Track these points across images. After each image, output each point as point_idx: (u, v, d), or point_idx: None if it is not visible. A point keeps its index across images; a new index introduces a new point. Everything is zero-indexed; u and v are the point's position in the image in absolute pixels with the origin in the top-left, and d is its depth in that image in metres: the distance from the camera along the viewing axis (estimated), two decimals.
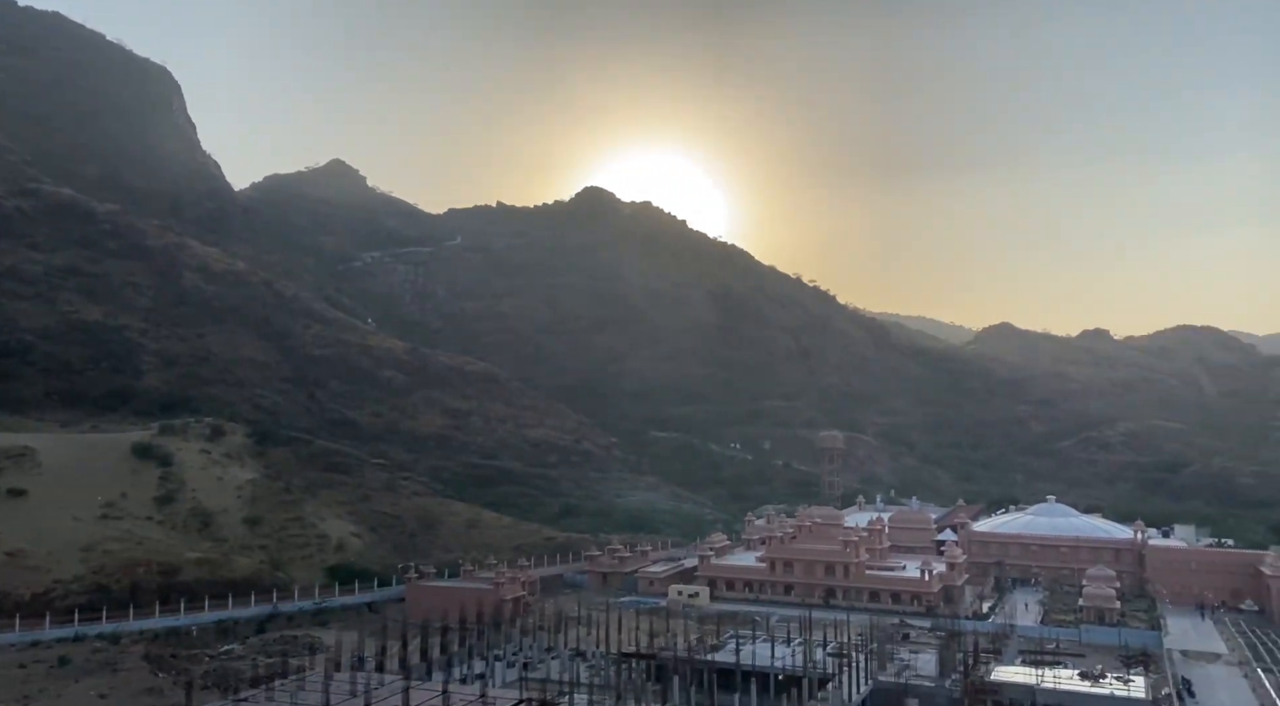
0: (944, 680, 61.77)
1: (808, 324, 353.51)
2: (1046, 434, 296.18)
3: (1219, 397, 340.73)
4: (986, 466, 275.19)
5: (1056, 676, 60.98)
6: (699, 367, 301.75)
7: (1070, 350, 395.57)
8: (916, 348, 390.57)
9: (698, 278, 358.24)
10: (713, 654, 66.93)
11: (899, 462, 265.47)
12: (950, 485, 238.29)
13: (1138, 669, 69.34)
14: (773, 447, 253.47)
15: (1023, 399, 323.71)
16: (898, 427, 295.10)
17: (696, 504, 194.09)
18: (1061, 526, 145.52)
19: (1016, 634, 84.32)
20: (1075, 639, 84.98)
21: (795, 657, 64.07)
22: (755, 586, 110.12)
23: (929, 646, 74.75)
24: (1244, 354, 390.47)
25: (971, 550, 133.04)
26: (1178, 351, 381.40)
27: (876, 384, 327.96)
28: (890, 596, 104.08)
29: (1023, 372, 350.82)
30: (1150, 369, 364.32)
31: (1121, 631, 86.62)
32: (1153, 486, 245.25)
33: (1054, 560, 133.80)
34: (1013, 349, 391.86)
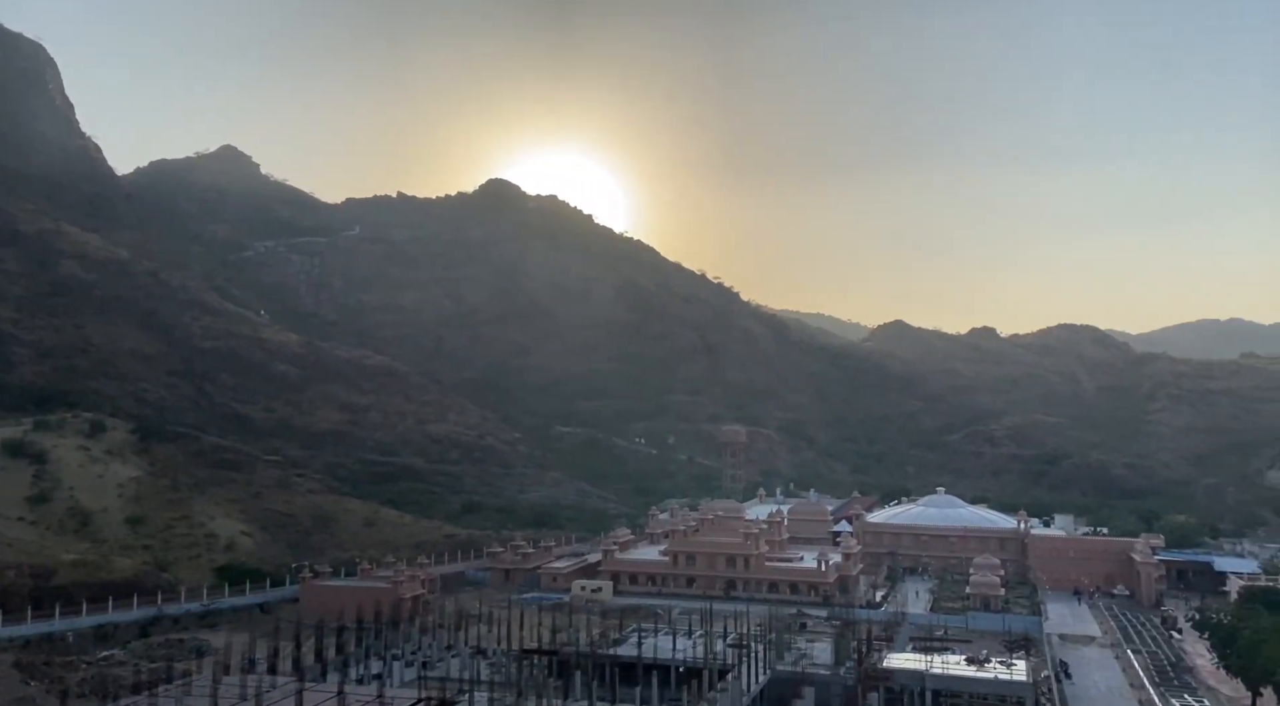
0: (839, 668, 63.36)
1: (712, 320, 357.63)
2: (937, 428, 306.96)
3: (1096, 393, 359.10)
4: (881, 459, 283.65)
5: (945, 662, 63.22)
6: (605, 362, 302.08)
7: (960, 347, 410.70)
8: (816, 344, 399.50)
9: (604, 272, 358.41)
10: (615, 648, 67.09)
11: (798, 456, 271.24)
12: (847, 477, 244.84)
13: (1020, 653, 72.50)
14: (677, 442, 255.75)
15: (915, 394, 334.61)
16: (797, 422, 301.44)
17: (601, 499, 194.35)
18: (950, 517, 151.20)
19: (908, 621, 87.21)
20: (962, 625, 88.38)
21: (696, 649, 64.75)
22: (658, 580, 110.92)
23: (825, 635, 76.60)
24: (1119, 351, 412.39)
25: (866, 541, 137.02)
26: (1059, 349, 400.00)
27: (777, 379, 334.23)
28: (789, 587, 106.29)
29: (915, 369, 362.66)
30: (1033, 365, 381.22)
31: (1005, 617, 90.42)
32: (1035, 478, 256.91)
33: (943, 549, 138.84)
34: (906, 346, 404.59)
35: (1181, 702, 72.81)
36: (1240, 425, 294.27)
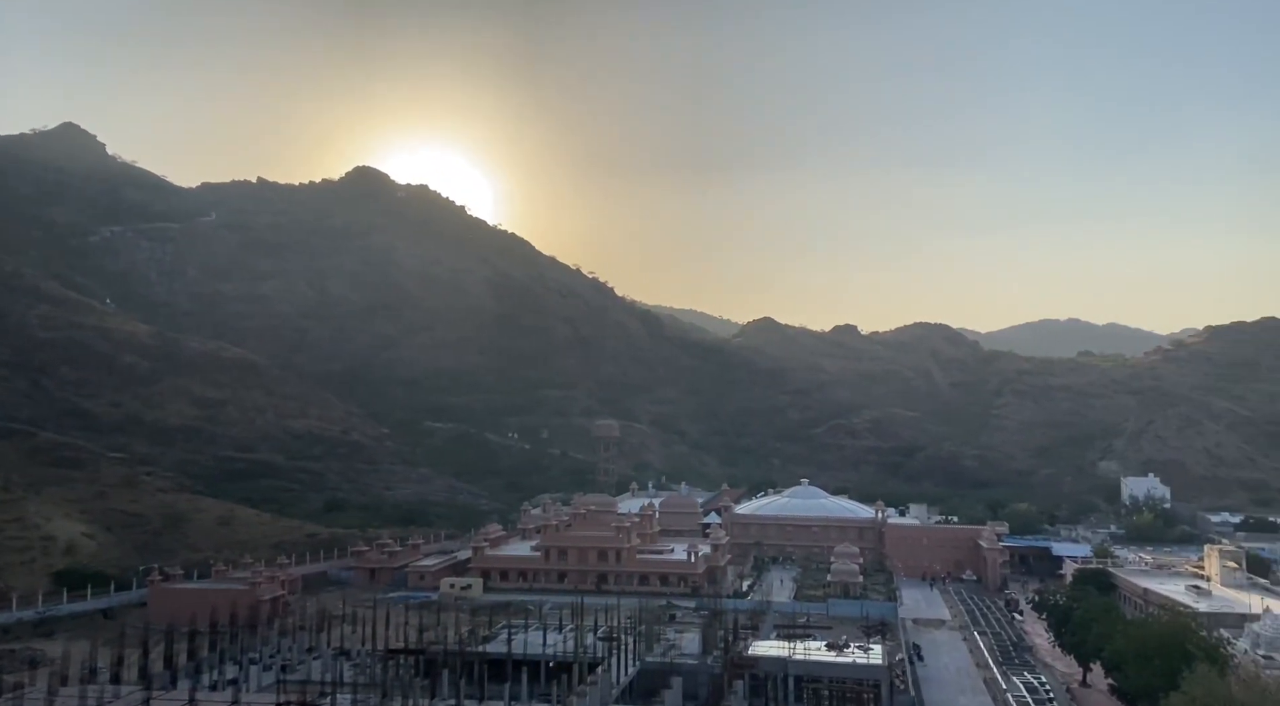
0: (706, 657, 64.64)
1: (586, 314, 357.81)
2: (802, 421, 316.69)
3: (948, 388, 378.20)
4: (749, 452, 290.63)
5: (806, 648, 65.39)
6: (476, 356, 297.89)
7: (824, 344, 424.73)
8: (688, 339, 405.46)
9: (476, 265, 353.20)
10: (484, 645, 66.45)
11: (670, 450, 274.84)
12: (717, 470, 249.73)
13: (876, 637, 75.64)
14: (550, 437, 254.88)
15: (782, 389, 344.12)
16: (670, 416, 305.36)
17: (472, 495, 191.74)
18: (813, 507, 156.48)
19: (772, 609, 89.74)
20: (824, 612, 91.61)
21: (567, 644, 64.85)
22: (530, 575, 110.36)
23: (694, 626, 77.96)
24: (969, 349, 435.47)
25: (734, 532, 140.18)
26: (915, 346, 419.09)
27: (650, 374, 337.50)
28: (659, 579, 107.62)
29: (783, 364, 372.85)
30: (891, 362, 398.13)
31: (864, 603, 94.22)
32: (892, 469, 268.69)
33: (807, 539, 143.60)
34: (774, 342, 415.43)
35: (1021, 680, 77.55)
36: (1076, 419, 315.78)
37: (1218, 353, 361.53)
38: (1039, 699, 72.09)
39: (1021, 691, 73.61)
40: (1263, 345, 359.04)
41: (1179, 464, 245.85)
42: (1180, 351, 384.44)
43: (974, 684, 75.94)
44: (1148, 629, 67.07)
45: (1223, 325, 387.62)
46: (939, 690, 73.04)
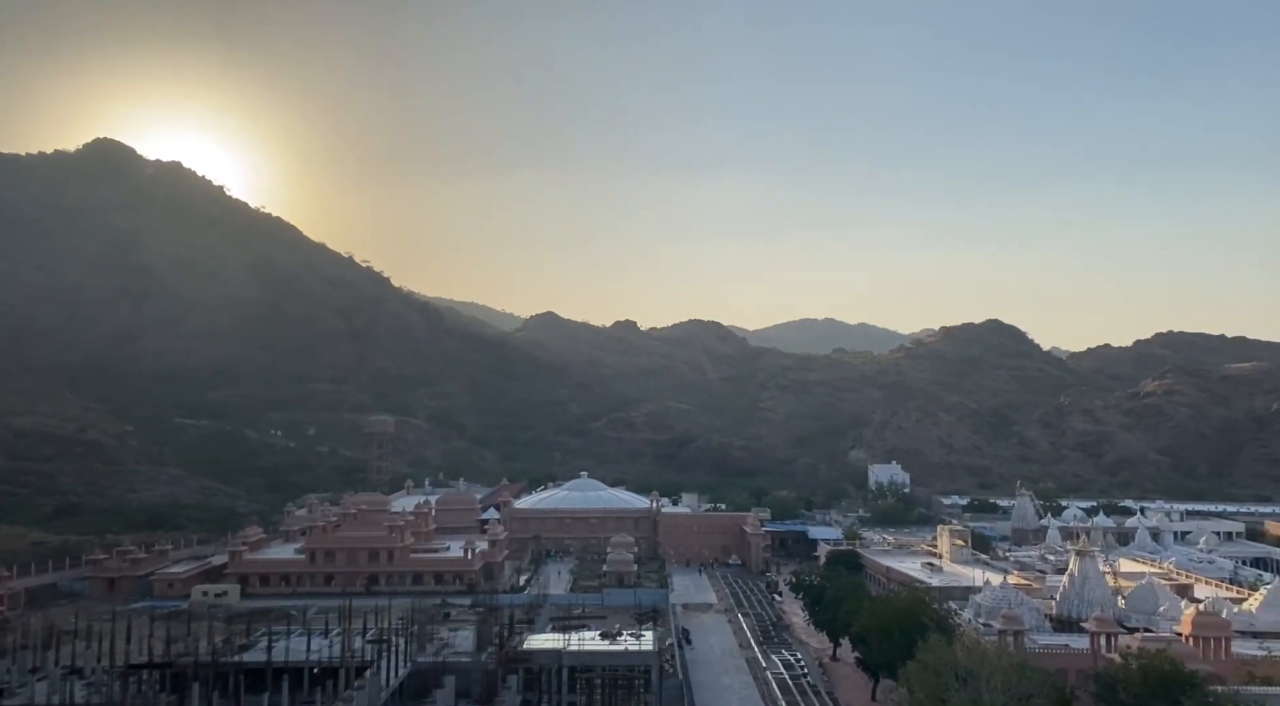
0: (480, 654, 64.08)
1: (359, 305, 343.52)
2: (583, 415, 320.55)
3: (719, 382, 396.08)
4: (529, 446, 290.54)
5: (581, 638, 66.42)
6: (236, 348, 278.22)
7: (605, 339, 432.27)
8: (469, 332, 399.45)
9: (237, 250, 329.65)
10: (241, 654, 62.54)
11: (449, 445, 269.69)
12: (497, 465, 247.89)
13: (648, 624, 78.06)
14: (318, 433, 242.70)
15: (563, 383, 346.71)
16: (448, 410, 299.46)
17: (229, 496, 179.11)
18: (591, 500, 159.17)
19: (549, 602, 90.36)
20: (599, 602, 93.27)
21: (333, 649, 62.24)
22: (294, 579, 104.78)
23: (469, 623, 77.05)
24: (738, 345, 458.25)
25: (513, 526, 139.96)
26: (688, 342, 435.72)
27: (429, 367, 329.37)
28: (434, 577, 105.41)
29: (564, 359, 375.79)
30: (668, 357, 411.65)
31: (637, 592, 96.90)
32: (667, 460, 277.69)
33: (585, 531, 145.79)
34: (556, 336, 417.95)
35: (779, 657, 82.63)
36: (831, 411, 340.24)
37: (950, 351, 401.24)
38: (794, 674, 77.09)
39: (779, 668, 78.44)
40: (987, 345, 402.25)
41: (917, 452, 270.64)
42: (919, 349, 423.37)
43: (737, 663, 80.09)
44: (889, 604, 73.48)
45: (955, 326, 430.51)
46: (705, 671, 76.43)
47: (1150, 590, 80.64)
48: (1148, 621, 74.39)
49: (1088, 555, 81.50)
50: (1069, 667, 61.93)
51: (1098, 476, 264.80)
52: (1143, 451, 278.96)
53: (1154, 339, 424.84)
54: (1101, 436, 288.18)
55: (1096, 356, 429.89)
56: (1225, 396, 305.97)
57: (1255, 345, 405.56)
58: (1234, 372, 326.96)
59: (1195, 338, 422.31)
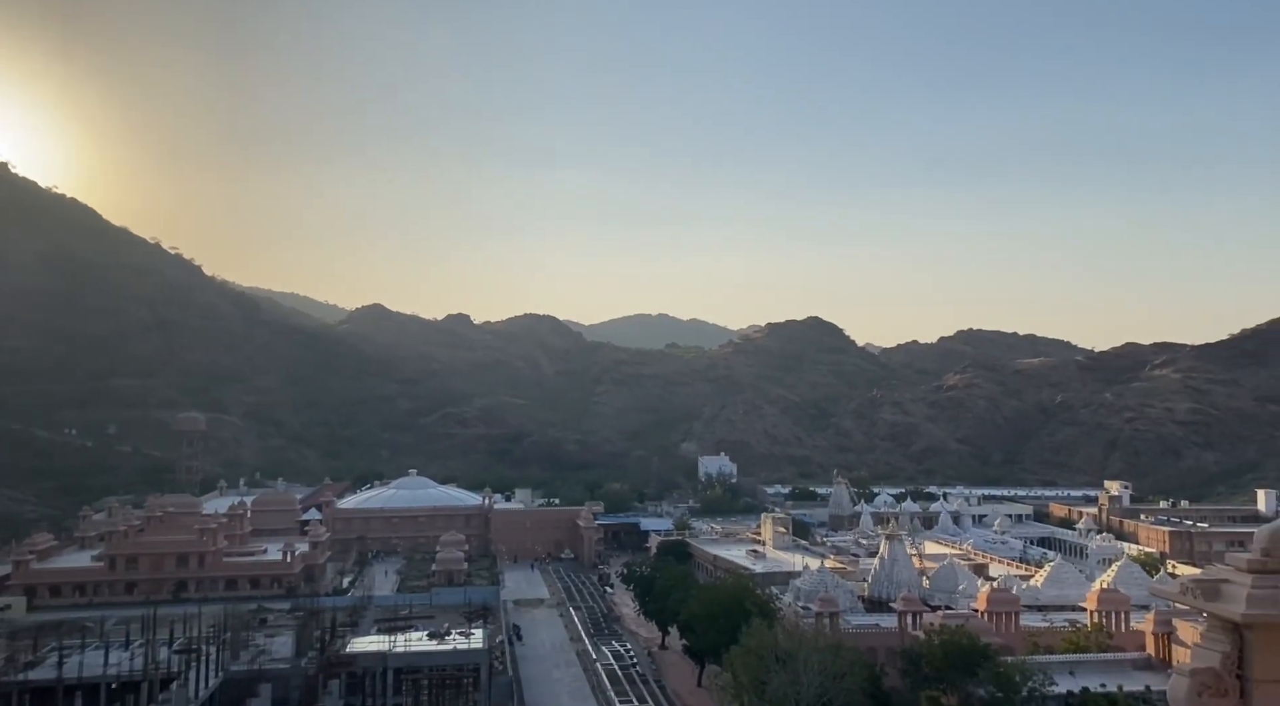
0: (300, 660, 61.53)
1: (168, 295, 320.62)
2: (412, 411, 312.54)
3: (554, 377, 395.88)
4: (355, 443, 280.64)
5: (408, 639, 64.87)
6: (24, 340, 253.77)
7: (436, 332, 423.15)
8: (290, 324, 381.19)
9: (25, 233, 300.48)
10: (26, 672, 57.39)
11: (267, 443, 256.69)
12: (319, 464, 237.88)
13: (478, 622, 77.18)
14: (120, 432, 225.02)
15: (392, 378, 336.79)
16: (267, 407, 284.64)
17: (15, 500, 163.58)
18: (421, 498, 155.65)
19: (374, 604, 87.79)
20: (427, 602, 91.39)
21: (135, 661, 58.10)
22: (90, 588, 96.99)
23: (288, 628, 73.83)
24: (574, 339, 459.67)
25: (336, 527, 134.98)
26: (524, 336, 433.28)
27: (245, 361, 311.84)
28: (250, 582, 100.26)
29: (393, 353, 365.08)
30: (502, 351, 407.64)
31: (467, 590, 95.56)
32: (500, 456, 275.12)
33: (413, 530, 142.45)
34: (384, 329, 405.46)
35: (610, 648, 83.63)
36: (664, 404, 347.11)
37: (775, 346, 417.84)
38: (624, 664, 78.26)
39: (609, 659, 79.41)
40: (809, 341, 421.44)
41: (744, 443, 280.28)
42: (747, 345, 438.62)
43: (567, 657, 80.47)
44: (715, 592, 75.71)
45: (779, 323, 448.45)
46: (536, 666, 76.37)
47: (951, 570, 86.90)
48: (949, 599, 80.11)
49: (896, 539, 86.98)
50: (879, 646, 65.89)
51: (906, 464, 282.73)
52: (945, 441, 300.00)
53: (956, 336, 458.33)
54: (909, 427, 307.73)
55: (906, 352, 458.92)
56: (1017, 389, 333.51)
57: (1043, 342, 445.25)
58: (1025, 367, 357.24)
59: (992, 335, 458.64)
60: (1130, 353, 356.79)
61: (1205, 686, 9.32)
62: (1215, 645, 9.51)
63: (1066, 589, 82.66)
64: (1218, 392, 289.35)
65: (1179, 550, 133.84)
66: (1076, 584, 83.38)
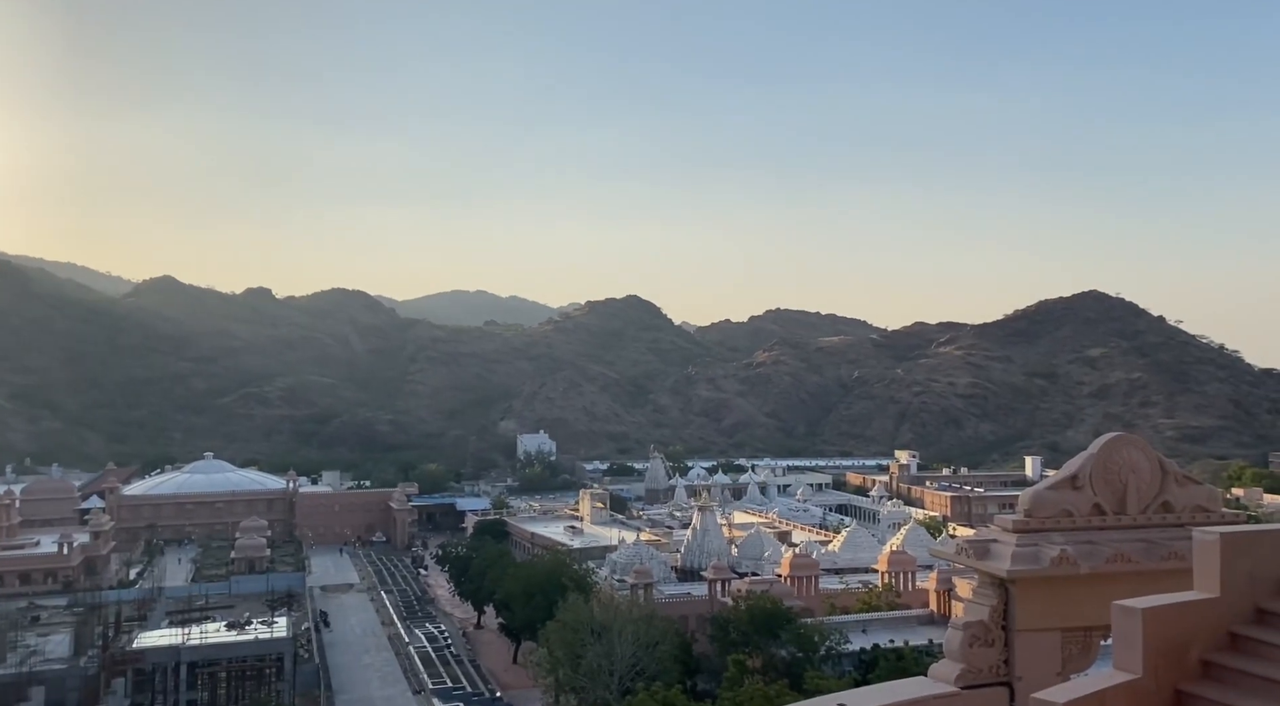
0: (79, 658, 56.71)
1: None
2: (208, 390, 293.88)
3: (366, 355, 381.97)
4: (143, 426, 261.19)
5: (204, 631, 61.12)
6: None
7: (235, 307, 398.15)
8: (65, 298, 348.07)
9: None
10: None
11: (39, 426, 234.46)
12: (101, 448, 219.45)
13: (282, 610, 73.76)
14: None
15: (185, 356, 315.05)
16: (37, 387, 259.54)
17: None
18: (218, 482, 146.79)
19: (165, 596, 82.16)
20: (226, 591, 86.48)
21: None
22: None
23: (66, 625, 67.95)
24: (387, 316, 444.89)
25: (121, 515, 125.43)
26: (332, 312, 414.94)
27: (11, 338, 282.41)
28: (19, 577, 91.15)
29: (186, 328, 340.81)
30: (308, 328, 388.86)
31: (270, 577, 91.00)
32: (306, 437, 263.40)
33: (210, 516, 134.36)
34: (176, 304, 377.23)
35: (423, 631, 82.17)
36: (483, 383, 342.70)
37: (595, 324, 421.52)
38: (438, 646, 77.11)
39: (422, 642, 78.03)
40: (628, 319, 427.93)
41: (564, 421, 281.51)
42: (567, 323, 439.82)
43: (378, 642, 78.44)
44: (532, 569, 75.83)
45: (599, 300, 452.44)
46: (344, 653, 74.01)
47: (758, 538, 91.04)
48: (756, 566, 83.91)
49: (708, 510, 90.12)
50: (690, 613, 68.16)
51: (718, 438, 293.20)
52: (754, 415, 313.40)
53: (766, 315, 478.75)
54: (721, 402, 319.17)
55: (719, 330, 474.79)
56: (819, 366, 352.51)
57: (843, 321, 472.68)
58: (825, 345, 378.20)
59: (798, 314, 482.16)
60: (919, 331, 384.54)
61: (975, 637, 10.09)
62: (984, 599, 10.32)
63: (861, 552, 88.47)
64: (994, 368, 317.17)
65: (959, 514, 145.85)
66: (870, 547, 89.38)
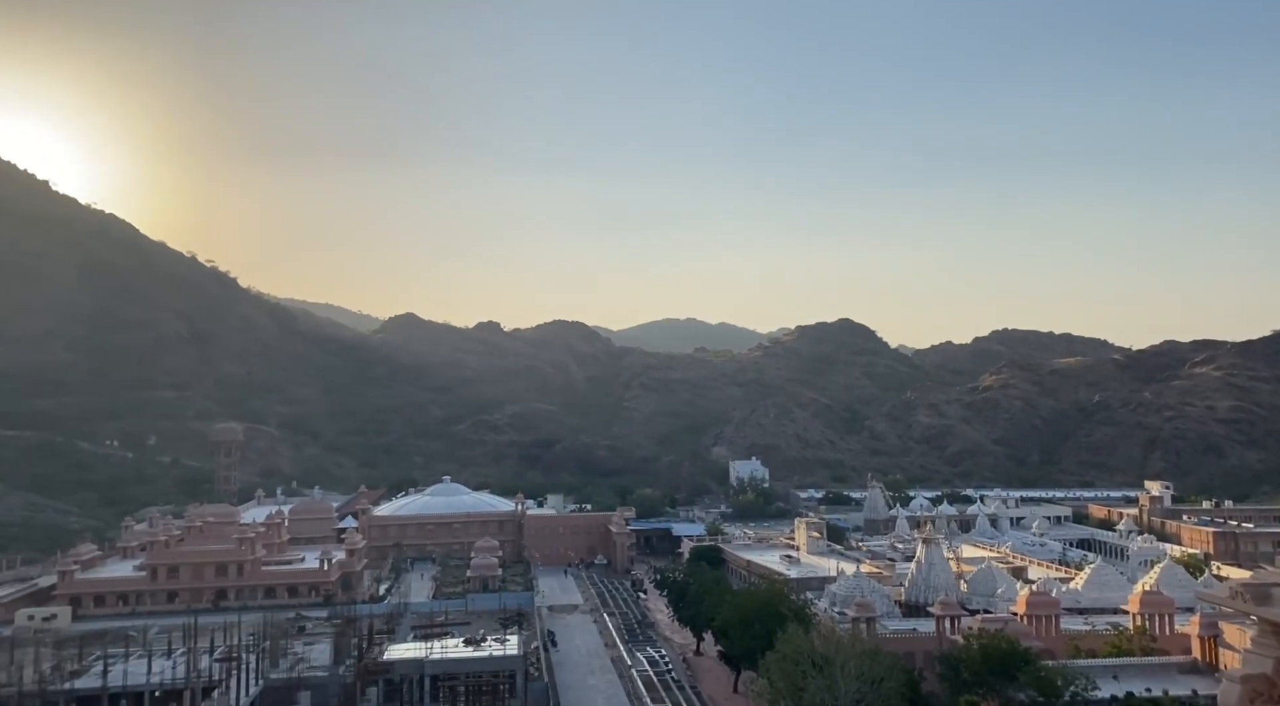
0: (338, 667, 62.04)
1: (204, 307, 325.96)
2: (444, 418, 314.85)
3: (584, 382, 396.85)
4: (389, 451, 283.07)
5: (444, 646, 65.20)
6: (64, 353, 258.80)
7: (467, 340, 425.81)
8: (324, 335, 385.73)
9: (63, 249, 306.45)
10: (72, 681, 58.41)
11: (302, 452, 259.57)
12: (354, 472, 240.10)
13: (513, 628, 77.41)
14: (159, 443, 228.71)
15: (424, 385, 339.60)
16: (302, 417, 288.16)
17: (59, 512, 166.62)
18: (454, 504, 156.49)
19: (410, 611, 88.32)
20: (463, 608, 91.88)
21: (177, 669, 58.95)
22: (133, 598, 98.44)
23: (326, 635, 74.49)
24: (602, 345, 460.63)
25: (371, 534, 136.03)
26: (553, 342, 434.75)
27: (280, 372, 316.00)
28: (288, 590, 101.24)
29: (425, 361, 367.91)
30: (532, 358, 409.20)
31: (502, 595, 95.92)
32: (531, 461, 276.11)
33: (447, 536, 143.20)
34: (416, 338, 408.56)
35: (644, 654, 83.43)
36: (694, 409, 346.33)
37: (805, 349, 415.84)
38: (659, 671, 78.02)
39: (644, 665, 79.21)
40: (840, 343, 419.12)
41: (776, 447, 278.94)
42: (777, 348, 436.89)
43: (602, 663, 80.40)
44: (749, 597, 75.32)
45: (809, 325, 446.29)
46: (571, 672, 76.37)
47: (989, 573, 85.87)
48: (987, 603, 79.17)
49: (933, 543, 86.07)
50: (917, 650, 65.23)
51: (941, 467, 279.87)
52: (981, 442, 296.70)
53: (991, 336, 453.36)
54: (944, 429, 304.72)
55: (940, 353, 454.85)
56: (1054, 389, 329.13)
57: (1079, 341, 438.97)
58: (1061, 366, 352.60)
59: (1027, 334, 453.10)
60: (1169, 351, 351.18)
61: (1257, 692, 9.11)
62: (1267, 650, 9.33)
63: (1108, 591, 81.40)
64: (1261, 390, 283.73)
65: (1224, 552, 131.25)
66: (1118, 586, 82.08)
